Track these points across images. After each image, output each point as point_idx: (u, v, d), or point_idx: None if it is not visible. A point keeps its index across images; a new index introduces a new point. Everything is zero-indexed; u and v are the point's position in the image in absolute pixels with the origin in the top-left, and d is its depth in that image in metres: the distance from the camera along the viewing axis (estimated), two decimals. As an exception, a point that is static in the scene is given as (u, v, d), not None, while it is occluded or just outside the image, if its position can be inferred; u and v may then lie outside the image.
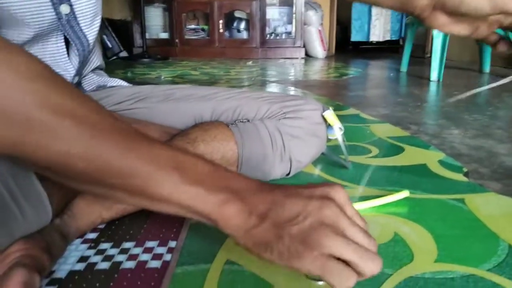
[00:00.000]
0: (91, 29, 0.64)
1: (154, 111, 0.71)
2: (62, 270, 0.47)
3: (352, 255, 0.33)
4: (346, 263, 0.33)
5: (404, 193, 0.67)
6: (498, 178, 0.79)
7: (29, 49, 0.59)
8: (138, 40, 4.22)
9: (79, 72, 0.68)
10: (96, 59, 0.75)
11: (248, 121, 0.71)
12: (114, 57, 3.96)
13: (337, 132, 0.77)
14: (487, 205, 0.66)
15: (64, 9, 0.59)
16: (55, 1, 0.58)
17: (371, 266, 0.33)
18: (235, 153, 0.67)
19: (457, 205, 0.67)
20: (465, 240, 0.55)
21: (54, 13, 0.58)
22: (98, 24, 0.66)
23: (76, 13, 0.61)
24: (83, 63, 0.67)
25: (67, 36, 0.62)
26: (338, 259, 0.33)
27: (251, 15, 4.09)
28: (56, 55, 0.62)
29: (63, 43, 0.62)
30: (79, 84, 0.73)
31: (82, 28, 0.63)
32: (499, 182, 0.76)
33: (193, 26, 4.24)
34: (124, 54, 4.07)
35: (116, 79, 0.79)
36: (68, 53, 0.64)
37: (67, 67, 0.64)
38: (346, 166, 0.84)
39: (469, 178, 0.79)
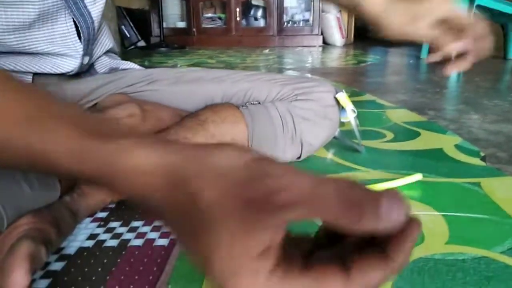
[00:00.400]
0: (95, 7, 0.64)
1: (165, 94, 0.71)
2: (71, 247, 0.48)
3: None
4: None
5: (417, 176, 0.66)
6: (517, 162, 0.76)
7: (39, 31, 0.60)
8: (155, 30, 4.24)
9: (88, 52, 0.68)
10: (108, 41, 0.76)
11: (259, 103, 0.70)
12: (132, 47, 3.99)
13: (350, 114, 0.76)
14: (504, 189, 0.64)
15: None
16: None
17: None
18: (245, 135, 0.66)
19: (473, 188, 0.65)
20: (478, 223, 0.54)
21: None
22: (102, 2, 0.65)
23: None
24: (89, 41, 0.67)
25: (71, 14, 0.61)
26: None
27: (268, 2, 4.06)
28: (66, 35, 0.62)
29: (72, 23, 0.62)
30: (91, 66, 0.74)
31: (87, 5, 0.63)
32: (517, 166, 0.74)
33: (210, 15, 4.24)
34: (141, 43, 4.10)
35: (129, 62, 0.80)
36: (78, 34, 0.64)
37: (76, 47, 0.64)
38: (359, 150, 0.82)
39: (486, 163, 0.76)
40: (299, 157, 0.73)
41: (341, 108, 0.76)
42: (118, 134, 0.24)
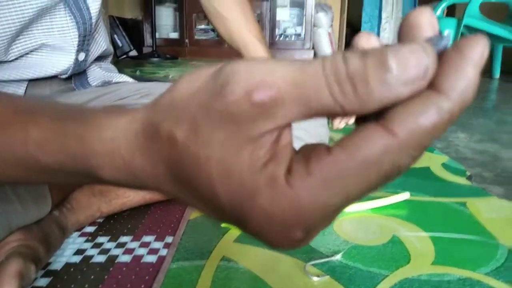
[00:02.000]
0: (94, 2, 0.63)
1: (158, 107, 0.71)
2: (58, 262, 0.48)
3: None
4: None
5: (405, 195, 0.67)
6: (501, 182, 0.78)
7: (38, 25, 0.59)
8: (148, 40, 4.25)
9: (84, 49, 0.67)
10: (103, 42, 0.75)
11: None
12: (124, 56, 3.99)
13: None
14: (488, 209, 0.66)
15: None
16: None
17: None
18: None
19: (459, 208, 0.66)
20: (464, 243, 0.55)
21: None
22: None
23: None
24: (85, 37, 0.66)
25: (68, 8, 0.61)
26: None
27: (261, 16, 4.10)
28: (65, 29, 0.62)
29: (72, 17, 0.62)
30: (84, 76, 0.73)
31: (86, 0, 0.62)
32: (501, 187, 0.75)
33: (203, 27, 4.27)
34: (133, 53, 4.10)
35: (122, 75, 0.80)
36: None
37: (74, 42, 0.64)
38: None
39: (472, 182, 0.78)
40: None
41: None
42: (82, 113, 0.22)
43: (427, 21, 0.16)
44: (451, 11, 3.89)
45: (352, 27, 5.90)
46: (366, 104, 0.14)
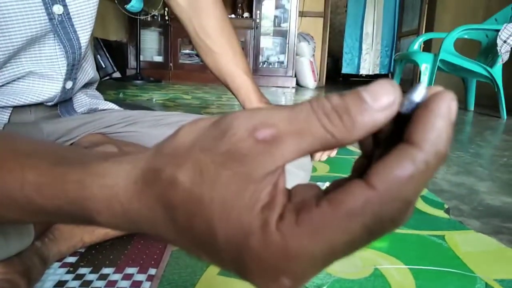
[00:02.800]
0: (84, 31, 0.63)
1: (144, 136, 0.71)
2: (38, 294, 0.47)
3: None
4: None
5: (386, 228, 0.68)
6: (477, 216, 0.80)
7: (26, 53, 0.59)
8: (132, 62, 4.26)
9: (72, 77, 0.67)
10: (91, 70, 0.76)
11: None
12: (107, 77, 3.98)
13: None
14: (466, 243, 0.68)
15: (57, 9, 0.58)
16: (47, 1, 0.56)
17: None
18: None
19: (437, 241, 0.68)
20: (443, 277, 0.56)
21: (45, 14, 0.57)
22: (91, 27, 0.66)
23: (71, 13, 0.60)
24: (73, 66, 0.66)
25: (58, 37, 0.61)
26: None
27: (245, 43, 4.18)
28: (53, 57, 0.62)
29: (61, 47, 0.62)
30: (70, 104, 0.73)
31: (76, 29, 0.62)
32: (478, 220, 0.78)
33: (187, 51, 4.31)
34: (117, 74, 4.10)
35: (108, 102, 0.80)
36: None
37: (62, 71, 0.64)
38: None
39: (450, 215, 0.80)
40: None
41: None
42: (82, 159, 0.22)
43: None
44: (427, 45, 4.06)
45: (333, 57, 6.07)
46: (352, 130, 0.16)
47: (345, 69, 5.53)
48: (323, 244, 0.16)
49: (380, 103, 0.16)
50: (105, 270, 0.53)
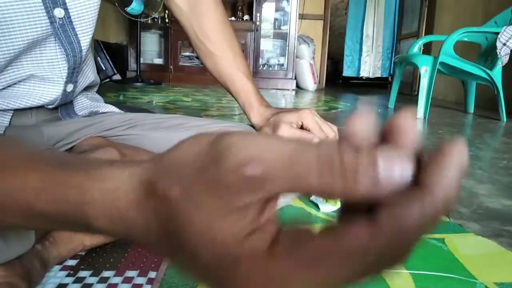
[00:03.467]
0: (85, 34, 0.63)
1: (145, 139, 0.72)
2: (38, 297, 0.47)
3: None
4: None
5: (386, 231, 0.69)
6: (477, 219, 0.80)
7: (27, 57, 0.59)
8: (132, 64, 4.27)
9: (73, 80, 0.67)
10: (91, 74, 0.76)
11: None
12: (107, 80, 3.99)
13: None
14: (466, 246, 0.68)
15: (58, 13, 0.58)
16: (48, 4, 0.57)
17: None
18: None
19: (437, 244, 0.68)
20: (443, 281, 0.56)
21: (46, 17, 0.57)
22: (92, 31, 0.66)
23: (72, 17, 0.61)
24: (74, 69, 0.66)
25: (59, 40, 0.61)
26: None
27: (245, 46, 4.19)
28: (54, 61, 0.62)
29: (62, 50, 0.62)
30: (71, 107, 0.73)
31: (77, 33, 0.62)
32: (478, 223, 0.78)
33: (187, 54, 4.32)
34: (117, 77, 4.11)
35: (108, 105, 0.80)
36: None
37: (62, 74, 0.64)
38: None
39: (449, 218, 0.80)
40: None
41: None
42: (84, 164, 0.22)
43: (410, 124, 0.17)
44: (427, 48, 4.07)
45: (333, 59, 6.07)
46: (350, 194, 0.15)
47: (346, 72, 5.54)
48: (317, 278, 0.15)
49: (393, 177, 0.15)
50: (106, 273, 0.53)
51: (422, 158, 0.16)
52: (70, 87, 0.67)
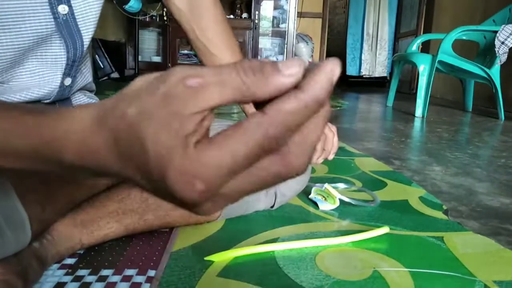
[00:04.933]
0: (88, 31, 0.63)
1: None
2: (37, 296, 0.46)
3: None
4: None
5: (384, 229, 0.68)
6: (476, 217, 0.80)
7: (32, 53, 0.59)
8: (130, 62, 4.26)
9: (71, 74, 0.67)
10: (88, 75, 0.76)
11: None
12: (105, 78, 3.98)
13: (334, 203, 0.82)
14: (465, 244, 0.68)
15: (62, 9, 0.58)
16: (53, 0, 0.57)
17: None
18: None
19: (436, 243, 0.68)
20: (442, 279, 0.56)
21: (50, 13, 0.57)
22: (95, 27, 0.66)
23: (76, 13, 0.61)
24: (74, 62, 0.66)
25: (61, 34, 0.61)
26: None
27: (244, 43, 4.18)
28: (58, 57, 0.62)
29: (63, 43, 0.62)
30: (69, 102, 0.73)
31: (80, 29, 0.62)
32: (477, 221, 0.78)
33: (186, 52, 4.31)
34: (115, 75, 4.09)
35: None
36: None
37: (62, 66, 0.64)
38: (374, 204, 0.85)
39: (448, 216, 0.80)
40: (272, 206, 0.74)
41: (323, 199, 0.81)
42: (55, 109, 0.26)
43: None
44: (425, 46, 4.07)
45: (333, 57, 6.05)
46: (264, 86, 0.21)
47: (349, 70, 5.55)
48: (227, 155, 0.21)
49: (289, 71, 0.21)
50: (104, 272, 0.53)
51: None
52: (68, 81, 0.67)
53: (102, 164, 0.24)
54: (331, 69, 0.21)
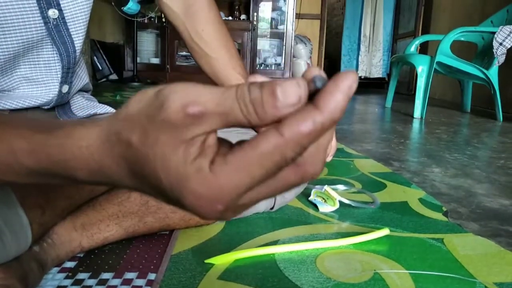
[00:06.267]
0: (79, 35, 0.63)
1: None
2: (37, 300, 0.46)
3: None
4: None
5: (385, 231, 0.68)
6: (475, 218, 0.81)
7: (24, 58, 0.59)
8: (129, 64, 4.25)
9: (68, 81, 0.67)
10: (84, 76, 0.76)
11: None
12: (104, 79, 3.97)
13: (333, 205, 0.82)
14: (465, 246, 0.68)
15: (52, 13, 0.58)
16: (42, 5, 0.56)
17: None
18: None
19: (436, 244, 0.68)
20: (442, 281, 0.56)
21: (40, 18, 0.57)
22: (85, 31, 0.65)
23: (66, 17, 0.60)
24: (69, 69, 0.66)
25: (53, 41, 0.60)
26: None
27: (242, 45, 4.18)
28: (50, 62, 0.62)
29: (56, 51, 0.62)
30: (68, 106, 0.73)
31: (71, 33, 0.62)
32: (476, 223, 0.78)
33: (184, 53, 4.31)
34: (114, 77, 4.09)
35: (106, 106, 0.80)
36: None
37: (58, 75, 0.64)
38: (374, 205, 0.85)
39: (448, 218, 0.80)
40: (272, 208, 0.74)
41: (323, 201, 0.81)
42: (64, 125, 0.26)
43: (313, 68, 0.22)
44: (423, 47, 4.08)
45: (330, 59, 6.07)
46: (264, 119, 0.20)
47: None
48: (245, 176, 0.21)
49: (289, 100, 0.20)
50: (104, 275, 0.52)
51: (321, 86, 0.21)
52: (65, 88, 0.67)
53: (115, 180, 0.24)
54: (349, 87, 0.20)
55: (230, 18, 4.30)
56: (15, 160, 0.26)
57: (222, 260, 0.58)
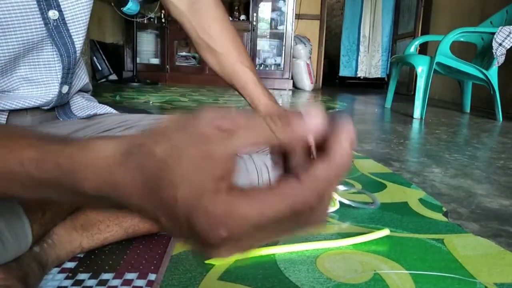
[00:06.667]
0: (79, 35, 0.63)
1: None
2: (37, 301, 0.46)
3: None
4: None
5: (385, 232, 0.68)
6: (476, 219, 0.81)
7: (24, 59, 0.59)
8: (128, 64, 4.25)
9: (68, 82, 0.67)
10: (84, 76, 0.76)
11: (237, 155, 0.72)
12: (104, 80, 3.97)
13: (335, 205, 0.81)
14: (465, 246, 0.68)
15: (52, 14, 0.58)
16: (42, 6, 0.57)
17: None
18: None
19: (437, 245, 0.68)
20: (443, 281, 0.56)
21: (41, 19, 0.57)
22: (85, 31, 0.65)
23: (66, 18, 0.60)
24: (69, 70, 0.66)
25: (54, 42, 0.61)
26: None
27: (241, 45, 4.18)
28: (50, 63, 0.62)
29: (57, 51, 0.62)
30: (68, 107, 0.73)
31: (71, 34, 0.62)
32: (476, 223, 0.78)
33: (184, 53, 4.31)
34: (113, 77, 4.09)
35: (105, 106, 0.80)
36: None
37: (58, 75, 0.64)
38: (374, 206, 0.85)
39: (448, 218, 0.80)
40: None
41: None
42: (73, 139, 0.26)
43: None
44: (423, 48, 4.08)
45: (330, 59, 6.08)
46: (291, 134, 0.22)
47: (343, 72, 5.55)
48: (256, 212, 0.21)
49: (313, 121, 0.23)
50: (105, 276, 0.52)
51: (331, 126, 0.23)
52: (65, 89, 0.67)
53: (123, 196, 0.24)
54: (352, 139, 0.23)
55: (229, 18, 4.31)
56: (22, 170, 0.25)
57: (222, 261, 0.58)
